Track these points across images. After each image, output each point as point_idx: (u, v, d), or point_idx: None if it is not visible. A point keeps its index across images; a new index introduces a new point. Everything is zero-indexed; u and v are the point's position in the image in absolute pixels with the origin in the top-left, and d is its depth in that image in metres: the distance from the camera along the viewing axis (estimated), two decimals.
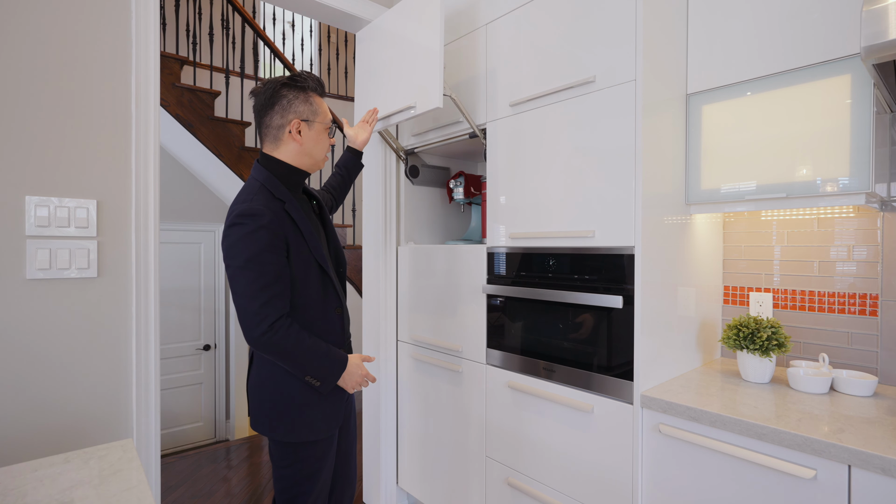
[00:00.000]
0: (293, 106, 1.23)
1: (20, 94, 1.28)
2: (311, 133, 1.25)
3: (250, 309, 1.11)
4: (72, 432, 1.35)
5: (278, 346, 1.13)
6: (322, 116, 1.27)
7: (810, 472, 0.99)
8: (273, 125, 1.23)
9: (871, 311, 1.37)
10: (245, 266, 1.12)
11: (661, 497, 1.25)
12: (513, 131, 1.63)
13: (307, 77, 1.25)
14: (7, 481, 0.85)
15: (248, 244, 1.12)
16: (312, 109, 1.25)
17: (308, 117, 1.24)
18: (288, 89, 1.23)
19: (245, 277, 1.12)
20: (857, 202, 1.18)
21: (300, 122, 1.23)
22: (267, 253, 1.13)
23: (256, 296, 1.11)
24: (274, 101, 1.23)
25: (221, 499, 2.47)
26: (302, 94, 1.24)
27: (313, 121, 1.25)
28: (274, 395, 1.23)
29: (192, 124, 3.19)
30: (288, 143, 1.24)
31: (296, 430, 1.23)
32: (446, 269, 1.89)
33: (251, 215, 1.13)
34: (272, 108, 1.23)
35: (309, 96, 1.25)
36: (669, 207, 1.41)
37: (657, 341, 1.36)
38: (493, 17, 1.71)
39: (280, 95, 1.22)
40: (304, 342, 1.17)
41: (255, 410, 1.27)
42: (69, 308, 1.34)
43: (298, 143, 1.24)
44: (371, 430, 2.21)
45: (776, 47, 1.29)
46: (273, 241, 1.14)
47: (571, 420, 1.44)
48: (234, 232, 1.13)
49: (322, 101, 1.29)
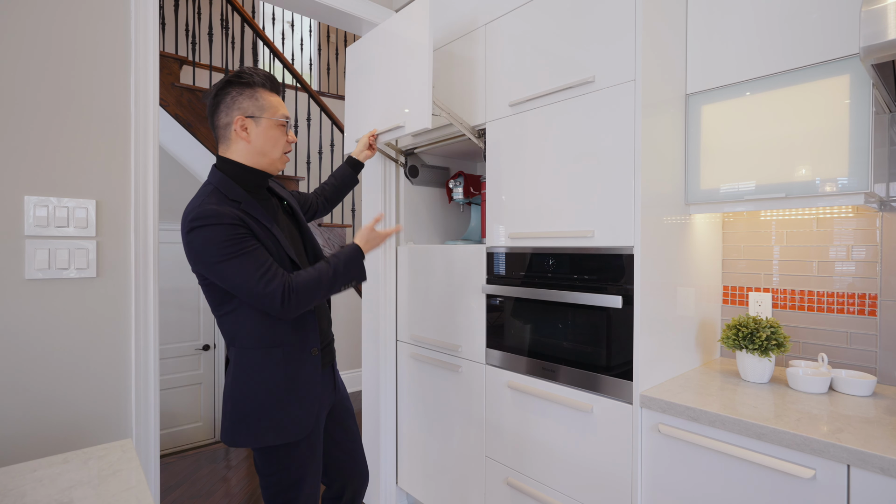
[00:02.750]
0: (237, 102, 1.18)
1: (19, 94, 1.28)
2: (258, 129, 1.19)
3: (258, 293, 1.10)
4: (71, 432, 1.34)
5: (303, 301, 1.14)
6: (271, 112, 1.21)
7: (809, 472, 0.99)
8: (221, 125, 1.20)
9: (870, 311, 1.37)
10: (227, 258, 1.09)
11: (660, 497, 1.25)
12: (512, 131, 1.63)
13: (254, 72, 1.21)
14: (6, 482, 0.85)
15: (217, 238, 1.09)
16: (259, 105, 1.20)
17: (254, 113, 1.19)
18: (232, 86, 1.19)
19: (232, 268, 1.09)
20: (856, 202, 1.18)
21: (244, 119, 1.18)
22: (239, 239, 1.10)
23: (256, 279, 1.10)
24: (219, 101, 1.19)
25: (221, 499, 2.47)
26: (247, 90, 1.19)
27: (260, 116, 1.19)
28: (239, 400, 1.21)
29: (192, 124, 3.19)
30: (237, 142, 1.20)
31: (263, 434, 1.20)
32: (446, 269, 1.89)
33: (206, 216, 1.10)
34: (218, 108, 1.20)
35: (255, 91, 1.20)
36: (669, 207, 1.41)
37: (656, 341, 1.36)
38: (492, 17, 1.71)
39: (224, 93, 1.19)
40: (319, 279, 1.17)
41: (224, 420, 1.24)
42: (68, 308, 1.34)
43: (246, 141, 1.20)
44: (370, 429, 2.21)
45: (775, 47, 1.29)
46: (238, 231, 1.11)
47: (571, 420, 1.44)
48: (197, 235, 1.10)
49: (273, 96, 1.23)
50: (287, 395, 1.22)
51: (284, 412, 1.22)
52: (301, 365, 1.24)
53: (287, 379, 1.22)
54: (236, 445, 1.22)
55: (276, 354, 1.21)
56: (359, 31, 2.21)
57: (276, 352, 1.21)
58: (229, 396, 1.23)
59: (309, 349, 1.26)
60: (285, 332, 1.22)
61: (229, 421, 1.22)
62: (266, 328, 1.20)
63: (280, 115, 1.23)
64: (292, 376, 1.23)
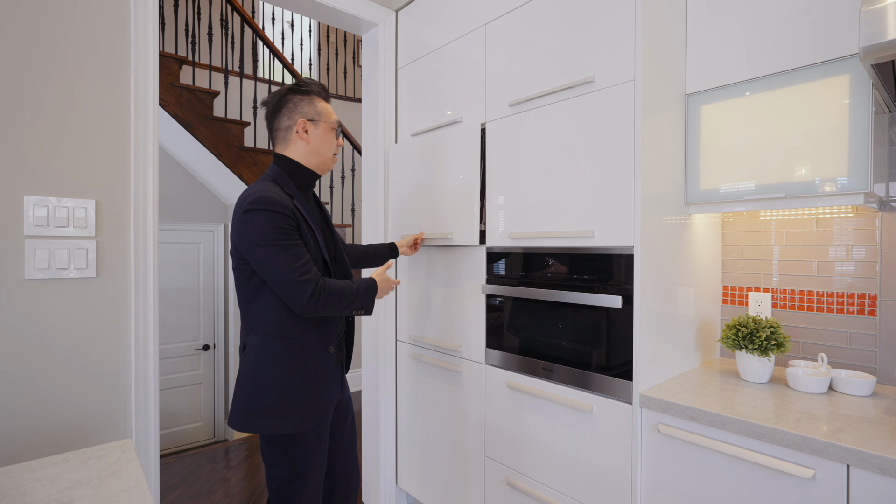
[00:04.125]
0: (298, 108, 1.33)
1: (18, 94, 1.28)
2: (317, 132, 1.34)
3: (291, 280, 1.18)
4: (71, 432, 1.34)
5: (326, 305, 1.22)
6: (326, 117, 1.36)
7: (809, 472, 0.99)
8: (282, 127, 1.34)
9: (869, 311, 1.37)
10: (272, 244, 1.19)
11: (659, 496, 1.25)
12: (512, 131, 1.63)
13: (311, 82, 1.37)
14: (5, 482, 0.85)
15: (269, 224, 1.19)
16: (317, 111, 1.35)
17: (313, 117, 1.34)
18: (293, 94, 1.34)
19: (275, 255, 1.19)
20: (855, 202, 1.18)
21: (306, 122, 1.33)
22: (288, 232, 1.21)
23: (292, 269, 1.19)
24: (281, 106, 1.34)
25: (220, 499, 2.47)
26: (307, 97, 1.35)
27: (318, 120, 1.35)
28: (256, 387, 1.25)
29: (191, 124, 3.19)
30: (296, 143, 1.34)
31: (276, 422, 1.24)
32: (446, 268, 1.89)
33: (266, 201, 1.20)
34: (280, 112, 1.34)
35: (313, 99, 1.35)
36: (668, 207, 1.41)
37: (656, 341, 1.36)
38: (492, 16, 1.71)
39: (286, 99, 1.33)
40: (343, 292, 1.26)
41: (235, 404, 1.28)
42: (68, 308, 1.34)
43: (306, 142, 1.33)
44: (370, 429, 2.21)
45: (775, 47, 1.29)
46: (290, 223, 1.22)
47: (571, 420, 1.44)
48: (252, 216, 1.20)
49: (326, 104, 1.39)
50: (304, 387, 1.27)
51: (299, 403, 1.26)
52: (318, 360, 1.31)
53: (305, 372, 1.28)
54: (247, 430, 1.26)
55: (297, 347, 1.27)
56: (359, 31, 2.21)
57: (297, 344, 1.27)
58: (246, 382, 1.26)
59: (327, 346, 1.33)
60: (307, 327, 1.29)
61: (242, 406, 1.26)
62: (290, 320, 1.27)
63: (333, 120, 1.39)
64: (310, 370, 1.29)
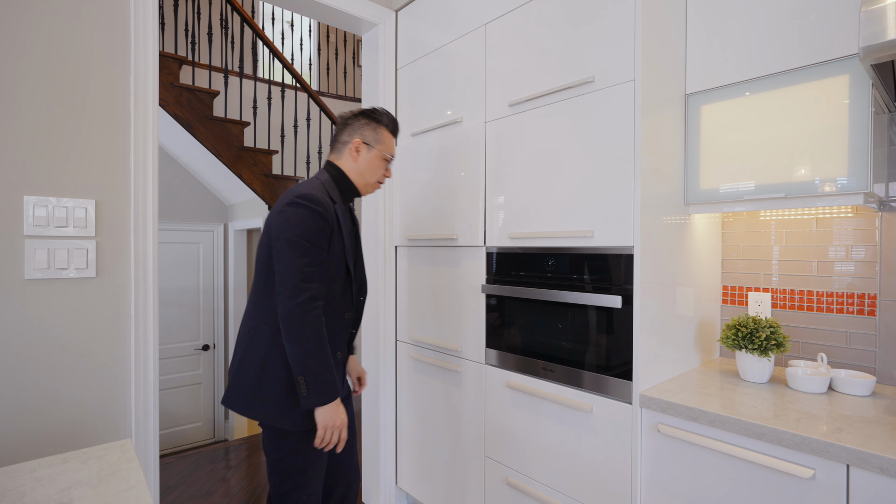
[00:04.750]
0: (362, 129, 1.41)
1: (18, 94, 1.28)
2: (368, 155, 1.41)
3: (294, 280, 1.21)
4: (70, 432, 1.34)
5: (304, 324, 1.20)
6: (383, 146, 1.42)
7: (809, 472, 0.99)
8: (342, 140, 1.42)
9: (869, 311, 1.37)
10: (297, 241, 1.22)
11: (659, 496, 1.25)
12: (512, 131, 1.63)
13: (384, 113, 1.45)
14: (5, 482, 0.85)
15: (304, 222, 1.23)
16: (377, 137, 1.42)
17: (370, 142, 1.41)
18: (364, 117, 1.42)
19: (294, 251, 1.22)
20: (855, 202, 1.18)
21: (361, 143, 1.40)
22: (317, 236, 1.25)
23: (302, 270, 1.21)
24: (348, 123, 1.42)
25: (220, 499, 2.47)
26: (373, 124, 1.42)
27: (373, 146, 1.41)
28: (269, 377, 1.27)
29: (191, 124, 3.18)
30: (347, 158, 1.41)
31: (274, 414, 1.26)
32: (446, 268, 1.89)
33: (311, 199, 1.26)
34: (346, 128, 1.42)
35: (378, 127, 1.42)
36: (668, 207, 1.41)
37: (656, 341, 1.36)
38: (492, 16, 1.71)
39: (356, 119, 1.42)
40: (323, 339, 1.23)
41: (239, 388, 1.29)
42: (67, 308, 1.34)
43: (354, 160, 1.40)
44: (370, 430, 2.21)
45: (775, 47, 1.29)
46: (324, 228, 1.26)
47: (570, 420, 1.45)
48: (292, 209, 1.24)
49: (390, 137, 1.45)
50: None
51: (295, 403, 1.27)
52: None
53: None
54: (245, 415, 1.27)
55: None
56: (358, 31, 2.21)
57: None
58: (259, 370, 1.27)
59: (335, 351, 1.36)
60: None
61: (246, 391, 1.27)
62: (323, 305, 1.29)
63: (388, 151, 1.44)
64: None
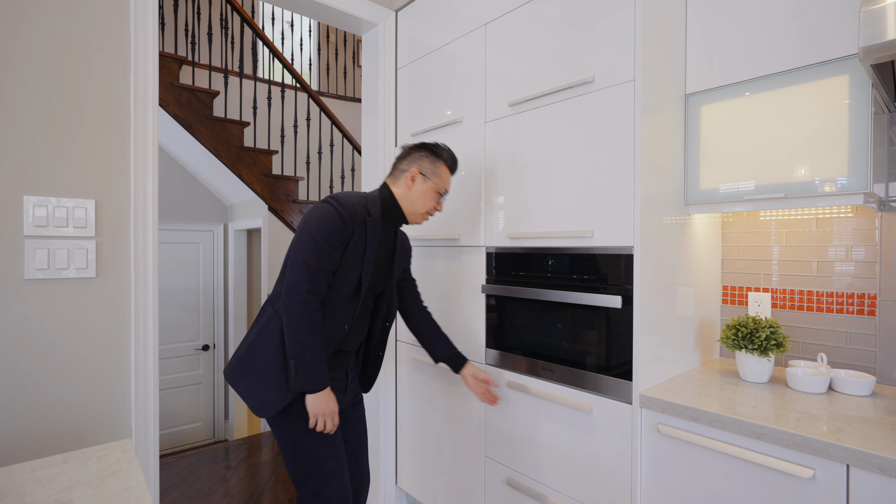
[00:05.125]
0: (421, 160, 1.45)
1: (18, 94, 1.27)
2: (422, 186, 1.44)
3: (299, 270, 1.28)
4: (70, 432, 1.34)
5: (298, 314, 1.26)
6: (438, 180, 1.45)
7: (809, 472, 0.99)
8: (401, 167, 1.47)
9: (869, 311, 1.38)
10: (311, 234, 1.29)
11: (659, 496, 1.25)
12: (512, 131, 1.63)
13: (446, 149, 1.48)
14: (5, 482, 0.85)
15: (322, 218, 1.30)
16: (434, 170, 1.45)
17: (426, 173, 1.44)
18: (427, 150, 1.47)
19: (307, 243, 1.29)
20: (855, 202, 1.18)
21: (417, 173, 1.43)
22: (332, 236, 1.30)
23: (308, 263, 1.28)
24: (411, 153, 1.47)
25: (220, 499, 2.47)
26: (433, 157, 1.46)
27: (429, 178, 1.44)
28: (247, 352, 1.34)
29: (191, 124, 3.18)
30: (401, 185, 1.45)
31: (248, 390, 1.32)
32: (446, 268, 1.89)
33: (338, 201, 1.33)
34: (407, 156, 1.47)
35: (437, 161, 1.46)
36: (668, 207, 1.41)
37: (656, 341, 1.36)
38: (492, 16, 1.71)
39: (418, 150, 1.47)
40: (316, 331, 1.28)
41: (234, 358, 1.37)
42: (67, 308, 1.34)
43: (408, 188, 1.44)
44: (370, 430, 2.21)
45: (775, 47, 1.29)
46: (342, 230, 1.31)
47: (570, 420, 1.45)
48: (319, 205, 1.33)
49: (447, 172, 1.48)
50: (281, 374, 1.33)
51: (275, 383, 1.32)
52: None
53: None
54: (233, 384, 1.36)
55: None
56: (358, 31, 2.21)
57: None
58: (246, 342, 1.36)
59: (329, 351, 1.38)
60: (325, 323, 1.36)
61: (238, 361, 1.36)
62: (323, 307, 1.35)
63: (443, 186, 1.47)
64: None
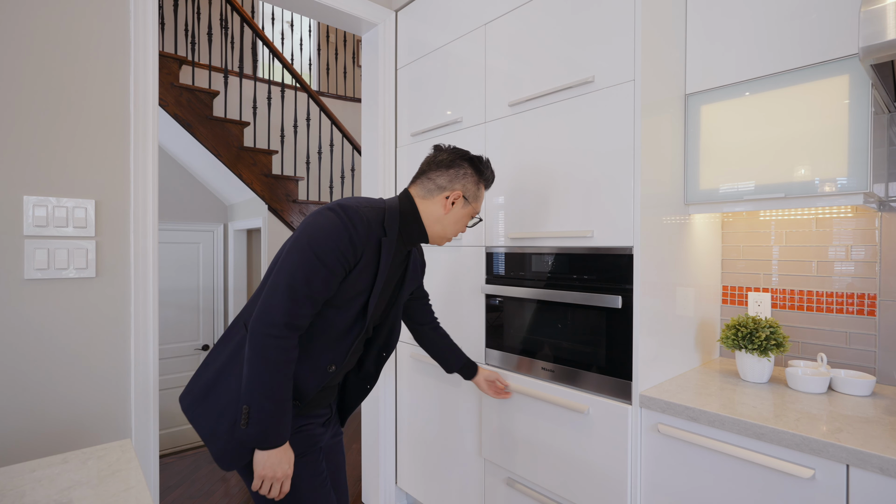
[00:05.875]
0: (465, 180, 1.24)
1: (18, 94, 1.28)
2: (460, 211, 1.25)
3: (282, 292, 1.04)
4: (70, 432, 1.34)
5: (266, 350, 1.03)
6: (477, 205, 1.28)
7: (808, 472, 0.99)
8: (437, 182, 1.23)
9: (868, 311, 1.38)
10: (308, 251, 1.05)
11: (659, 497, 1.25)
12: (512, 131, 1.63)
13: (490, 169, 1.29)
14: (5, 482, 0.85)
15: (327, 234, 1.05)
16: (475, 194, 1.26)
17: (468, 197, 1.25)
18: (471, 165, 1.25)
19: (300, 261, 1.04)
20: (855, 202, 1.18)
21: (461, 197, 1.23)
22: (333, 257, 1.06)
23: (295, 287, 1.04)
24: (454, 165, 1.24)
25: (220, 499, 2.47)
26: (477, 177, 1.26)
27: (470, 203, 1.26)
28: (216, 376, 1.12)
29: (191, 124, 3.18)
30: (436, 204, 1.23)
31: (205, 429, 1.09)
32: (445, 268, 1.89)
33: (351, 216, 1.08)
34: (447, 170, 1.23)
35: (480, 183, 1.27)
36: (668, 207, 1.41)
37: (656, 341, 1.36)
38: (492, 16, 1.71)
39: (460, 164, 1.24)
40: (286, 374, 1.05)
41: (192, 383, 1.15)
42: (67, 308, 1.34)
43: (445, 211, 1.23)
44: (370, 429, 2.21)
45: (775, 47, 1.29)
46: (347, 253, 1.07)
47: (570, 420, 1.45)
48: (326, 215, 1.07)
49: (484, 194, 1.31)
50: None
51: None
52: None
53: None
54: (190, 420, 1.14)
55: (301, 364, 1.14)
56: (358, 31, 2.21)
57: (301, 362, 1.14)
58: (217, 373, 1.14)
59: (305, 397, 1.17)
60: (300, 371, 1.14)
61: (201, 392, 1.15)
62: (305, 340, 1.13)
63: (478, 210, 1.30)
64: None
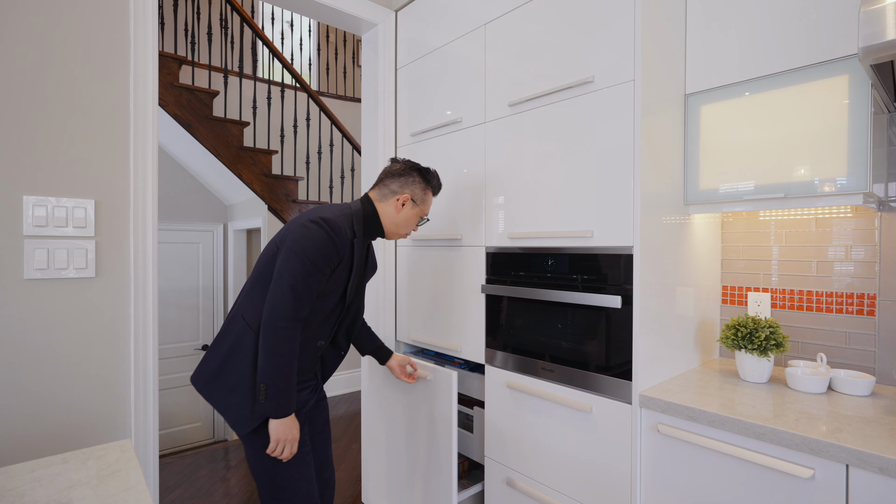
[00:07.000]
0: (413, 186, 1.48)
1: (18, 94, 1.27)
2: (409, 211, 1.49)
3: (287, 293, 1.25)
4: (70, 432, 1.34)
5: (281, 339, 1.24)
6: (424, 207, 1.52)
7: (808, 472, 0.99)
8: (391, 187, 1.48)
9: (868, 311, 1.38)
10: (305, 259, 1.26)
11: (659, 496, 1.25)
12: (511, 131, 1.63)
13: (435, 176, 1.53)
14: (4, 482, 0.85)
15: (319, 245, 1.28)
16: (423, 199, 1.51)
17: (416, 200, 1.49)
18: (419, 174, 1.49)
19: (299, 267, 1.26)
20: (854, 202, 1.18)
21: (409, 199, 1.47)
22: (324, 263, 1.29)
23: (297, 288, 1.26)
24: (405, 175, 1.48)
25: (220, 499, 2.47)
26: (425, 184, 1.50)
27: (417, 204, 1.50)
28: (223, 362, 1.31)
29: (191, 124, 3.18)
30: (389, 206, 1.47)
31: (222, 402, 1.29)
32: (445, 269, 1.89)
33: (332, 227, 1.31)
34: (399, 177, 1.48)
35: (427, 189, 1.51)
36: (668, 207, 1.41)
37: (656, 341, 1.36)
38: (492, 16, 1.71)
39: (410, 174, 1.48)
40: (293, 358, 1.27)
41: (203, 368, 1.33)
42: (67, 308, 1.34)
43: (396, 211, 1.47)
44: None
45: (774, 47, 1.29)
46: (332, 258, 1.31)
47: (570, 420, 1.45)
48: (315, 228, 1.29)
49: (432, 198, 1.55)
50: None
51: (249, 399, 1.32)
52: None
53: None
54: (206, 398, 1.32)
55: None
56: (358, 31, 2.21)
57: None
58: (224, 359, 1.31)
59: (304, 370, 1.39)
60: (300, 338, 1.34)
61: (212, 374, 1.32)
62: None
63: (426, 212, 1.54)
64: None
